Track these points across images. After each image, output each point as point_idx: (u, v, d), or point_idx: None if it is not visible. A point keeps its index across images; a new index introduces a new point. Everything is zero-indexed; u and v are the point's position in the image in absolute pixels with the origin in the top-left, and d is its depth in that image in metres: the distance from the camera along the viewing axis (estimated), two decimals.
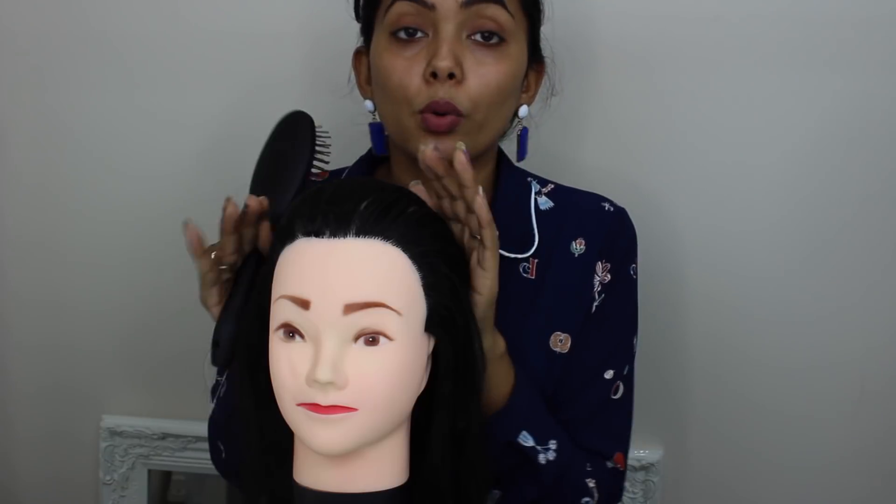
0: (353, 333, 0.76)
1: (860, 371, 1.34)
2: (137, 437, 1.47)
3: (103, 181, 1.41)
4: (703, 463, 1.40)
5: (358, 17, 1.05)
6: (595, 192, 1.10)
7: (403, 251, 0.78)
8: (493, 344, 0.92)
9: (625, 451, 1.06)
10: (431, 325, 0.80)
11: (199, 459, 1.47)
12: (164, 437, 1.47)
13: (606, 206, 1.07)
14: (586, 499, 0.99)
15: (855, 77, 1.25)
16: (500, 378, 0.94)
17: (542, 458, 0.95)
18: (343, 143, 1.08)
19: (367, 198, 0.78)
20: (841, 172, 1.29)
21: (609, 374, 1.03)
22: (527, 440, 0.95)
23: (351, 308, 0.75)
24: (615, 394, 1.05)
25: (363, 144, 1.08)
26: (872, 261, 1.31)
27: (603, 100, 1.30)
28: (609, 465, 1.03)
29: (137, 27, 1.35)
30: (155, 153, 1.39)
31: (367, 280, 0.76)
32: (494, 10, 0.95)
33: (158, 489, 1.57)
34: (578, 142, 1.32)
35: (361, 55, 1.05)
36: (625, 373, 1.05)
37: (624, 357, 1.06)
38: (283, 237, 0.80)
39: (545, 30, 1.05)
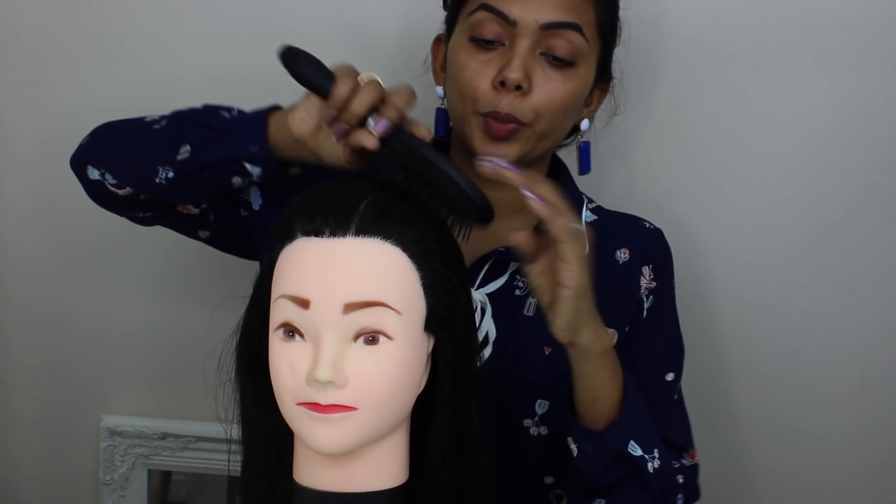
0: (352, 333, 0.76)
1: (860, 361, 1.35)
2: (137, 437, 1.47)
3: None
4: (701, 461, 1.40)
5: (445, 6, 1.08)
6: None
7: (403, 250, 0.78)
8: (595, 338, 0.90)
9: (694, 446, 1.09)
10: (431, 325, 0.80)
11: (199, 459, 1.48)
12: (164, 437, 1.47)
13: (646, 224, 1.13)
14: (679, 495, 1.02)
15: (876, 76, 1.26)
16: (606, 380, 0.92)
17: (650, 467, 0.94)
18: None
19: (366, 197, 0.78)
20: (841, 173, 1.30)
21: (671, 377, 1.09)
22: (635, 450, 0.93)
23: (350, 307, 0.75)
24: (676, 395, 1.10)
25: None
26: (872, 251, 1.32)
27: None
28: (685, 462, 1.07)
29: (141, 26, 1.35)
30: None
31: (367, 279, 0.76)
32: (571, 35, 0.98)
33: (158, 489, 1.57)
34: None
35: (441, 42, 1.08)
36: (680, 377, 1.10)
37: (680, 362, 1.11)
38: (283, 237, 0.80)
39: (618, 51, 1.08)
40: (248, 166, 0.96)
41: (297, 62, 0.89)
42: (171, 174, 0.98)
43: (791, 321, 1.35)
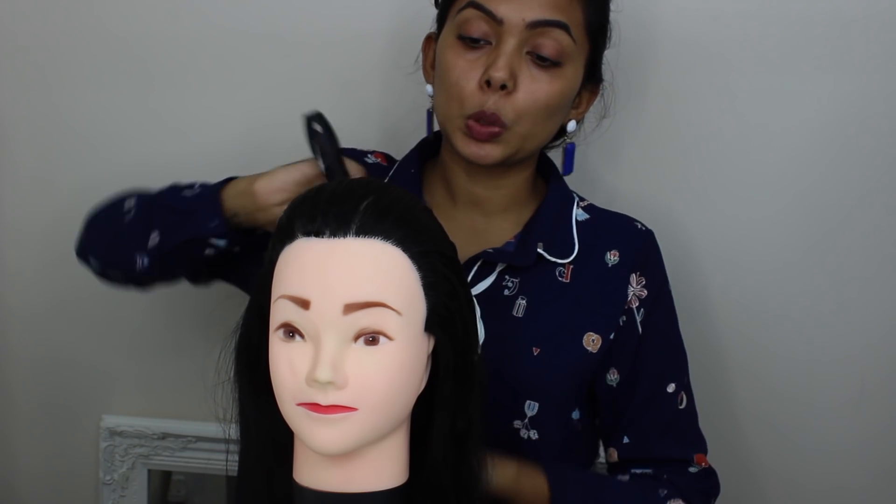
0: (353, 333, 0.76)
1: (860, 368, 1.34)
2: (137, 437, 1.47)
3: (107, 182, 1.40)
4: None
5: (436, 4, 1.08)
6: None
7: (403, 251, 0.78)
8: (498, 475, 0.95)
9: (704, 451, 1.09)
10: (431, 325, 0.80)
11: (199, 459, 1.47)
12: (164, 437, 1.47)
13: (638, 225, 1.11)
14: None
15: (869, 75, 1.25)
16: (528, 492, 0.99)
17: None
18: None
19: (367, 198, 0.78)
20: (839, 178, 1.29)
21: (671, 388, 1.08)
22: None
23: (351, 308, 0.75)
24: (681, 404, 1.09)
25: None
26: (871, 256, 1.31)
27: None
28: (692, 469, 1.07)
29: (145, 26, 1.35)
30: (160, 155, 1.38)
31: (367, 280, 0.76)
32: (558, 34, 0.98)
33: (158, 489, 1.57)
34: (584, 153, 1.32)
35: (431, 41, 1.09)
36: (685, 382, 1.10)
37: (681, 369, 1.10)
38: (283, 237, 0.79)
39: (608, 54, 1.08)
40: (213, 240, 1.03)
41: (327, 139, 0.98)
42: (146, 261, 1.06)
43: (788, 326, 1.35)
